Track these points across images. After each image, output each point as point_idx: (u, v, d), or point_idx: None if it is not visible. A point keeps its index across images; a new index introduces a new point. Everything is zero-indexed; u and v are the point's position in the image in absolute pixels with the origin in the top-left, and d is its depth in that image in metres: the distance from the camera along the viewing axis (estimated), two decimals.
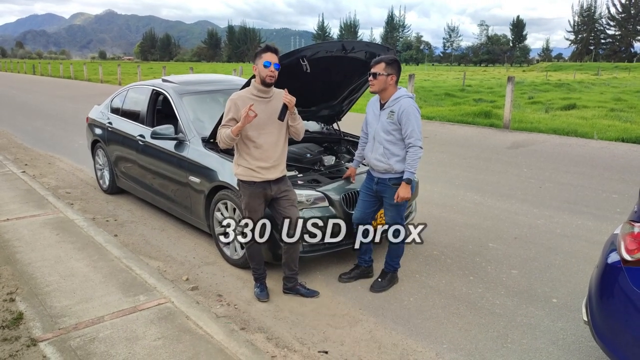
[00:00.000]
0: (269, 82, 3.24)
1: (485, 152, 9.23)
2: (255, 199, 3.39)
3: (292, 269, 3.61)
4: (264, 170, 3.33)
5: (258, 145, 3.30)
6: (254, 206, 3.40)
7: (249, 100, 3.24)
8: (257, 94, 3.30)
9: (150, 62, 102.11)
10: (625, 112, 14.91)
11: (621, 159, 8.60)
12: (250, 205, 3.40)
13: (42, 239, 4.46)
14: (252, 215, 3.41)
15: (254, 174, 3.33)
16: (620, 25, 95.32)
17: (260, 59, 3.21)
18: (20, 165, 7.77)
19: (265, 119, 3.28)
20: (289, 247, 3.54)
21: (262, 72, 3.22)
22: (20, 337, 2.91)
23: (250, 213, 3.41)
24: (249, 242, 3.49)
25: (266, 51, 3.23)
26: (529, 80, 34.33)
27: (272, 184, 3.40)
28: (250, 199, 3.38)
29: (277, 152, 3.37)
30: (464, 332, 3.20)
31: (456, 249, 4.53)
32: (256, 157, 3.31)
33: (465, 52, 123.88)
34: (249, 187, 3.36)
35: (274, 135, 3.35)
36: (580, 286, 3.80)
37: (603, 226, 5.12)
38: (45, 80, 34.60)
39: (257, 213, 3.42)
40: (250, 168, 3.32)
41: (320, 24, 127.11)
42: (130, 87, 6.03)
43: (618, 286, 2.29)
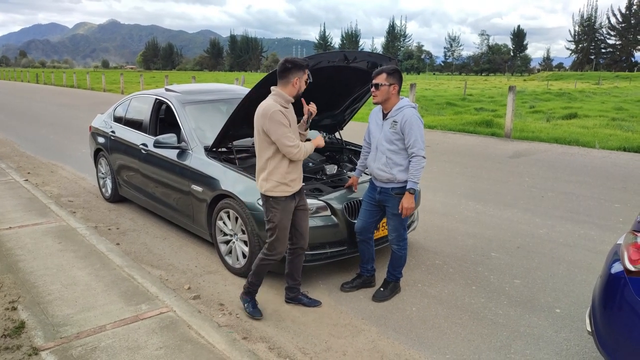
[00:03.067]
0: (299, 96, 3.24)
1: (487, 161, 9.23)
2: (287, 214, 3.26)
3: (295, 279, 3.60)
4: (294, 183, 3.26)
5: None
6: (285, 223, 3.27)
7: (285, 111, 3.16)
8: (285, 105, 3.18)
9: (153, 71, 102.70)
10: (627, 121, 14.93)
11: (623, 168, 8.60)
12: (282, 222, 3.24)
13: (44, 248, 4.47)
14: (282, 233, 3.27)
15: (286, 188, 3.22)
16: (620, 34, 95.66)
17: (304, 75, 3.17)
18: (23, 173, 7.79)
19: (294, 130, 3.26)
20: (293, 257, 3.52)
21: (303, 87, 3.19)
22: (22, 345, 2.91)
23: (281, 231, 3.26)
24: (270, 259, 3.33)
25: (307, 67, 3.20)
26: (530, 89, 34.43)
27: (297, 195, 3.34)
28: (283, 215, 3.23)
29: (301, 162, 3.33)
30: (467, 342, 3.18)
31: (458, 259, 4.52)
32: (290, 170, 3.21)
33: (466, 62, 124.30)
34: (281, 202, 3.22)
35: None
36: (583, 296, 3.78)
37: (606, 236, 5.11)
38: (49, 89, 34.79)
39: (287, 229, 3.30)
40: (283, 182, 3.20)
41: (322, 33, 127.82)
42: (133, 96, 6.06)
43: (621, 296, 2.28)
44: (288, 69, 3.13)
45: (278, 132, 3.07)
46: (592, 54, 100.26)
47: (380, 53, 4.75)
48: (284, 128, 3.08)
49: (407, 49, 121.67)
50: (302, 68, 3.16)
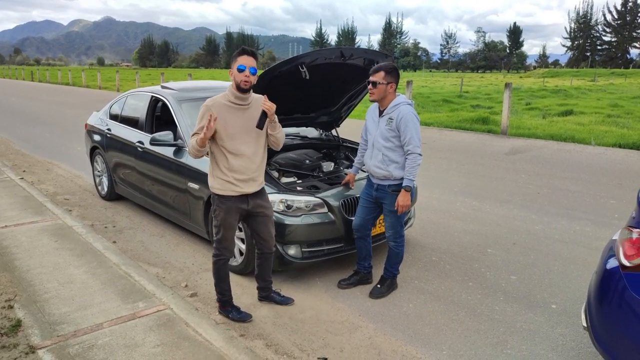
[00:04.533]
0: (243, 88, 2.99)
1: (483, 158, 9.26)
2: (232, 215, 3.15)
3: (265, 279, 3.58)
4: (241, 183, 3.10)
5: (236, 156, 3.07)
6: (230, 222, 3.17)
7: (225, 107, 3.03)
8: (233, 101, 3.05)
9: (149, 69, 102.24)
10: (622, 118, 14.98)
11: (618, 165, 8.63)
12: (226, 221, 3.15)
13: (40, 246, 4.45)
14: (227, 233, 3.19)
15: (230, 187, 3.09)
16: (616, 31, 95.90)
17: (235, 63, 2.96)
18: (19, 171, 7.75)
19: (242, 127, 3.05)
20: (262, 261, 3.49)
21: (237, 76, 2.96)
22: (18, 344, 2.90)
23: (225, 230, 3.18)
24: (220, 258, 3.26)
25: (242, 54, 2.98)
26: (526, 86, 34.48)
27: (249, 198, 3.18)
28: (226, 214, 3.13)
29: (255, 163, 3.14)
30: (464, 338, 3.20)
31: (455, 255, 4.54)
32: (233, 169, 3.07)
33: (463, 59, 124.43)
34: (226, 202, 3.12)
35: (252, 145, 3.11)
36: (579, 292, 3.81)
37: (601, 232, 5.13)
38: (44, 87, 34.61)
39: (233, 230, 3.22)
40: (226, 180, 3.08)
41: (318, 30, 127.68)
42: (129, 94, 6.04)
43: (617, 292, 2.29)
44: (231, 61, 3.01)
45: (196, 124, 3.06)
46: (588, 51, 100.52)
47: (376, 50, 4.74)
48: (198, 121, 3.04)
49: (404, 46, 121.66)
50: (234, 56, 3.00)
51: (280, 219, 3.73)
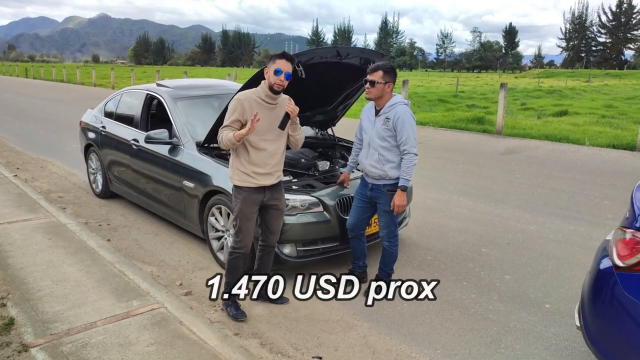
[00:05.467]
0: (276, 90, 3.12)
1: (478, 158, 9.28)
2: (250, 206, 3.23)
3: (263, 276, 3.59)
4: (260, 176, 3.21)
5: (257, 151, 3.18)
6: (247, 213, 3.23)
7: (256, 103, 3.13)
8: (264, 98, 3.16)
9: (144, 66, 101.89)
10: (616, 118, 15.07)
11: (612, 165, 8.68)
12: (243, 211, 3.22)
13: (34, 244, 4.43)
14: (244, 224, 3.24)
15: (249, 179, 3.19)
16: (611, 33, 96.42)
17: (273, 65, 3.08)
18: (12, 169, 7.71)
19: (267, 125, 3.17)
20: (262, 255, 3.50)
21: (272, 79, 3.09)
22: (11, 342, 2.89)
23: (242, 221, 3.24)
24: (236, 252, 3.30)
25: (281, 58, 3.10)
26: (522, 86, 34.61)
27: (267, 190, 3.28)
28: (243, 204, 3.21)
29: (275, 159, 3.25)
30: (458, 337, 3.21)
31: (449, 255, 4.55)
32: (253, 163, 3.18)
33: (458, 59, 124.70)
34: (243, 192, 3.21)
35: (274, 142, 3.23)
36: (572, 292, 3.83)
37: (595, 232, 5.16)
38: (38, 84, 34.40)
39: (251, 221, 3.27)
40: (246, 173, 3.19)
41: (315, 29, 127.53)
42: (124, 91, 6.01)
43: (610, 292, 2.31)
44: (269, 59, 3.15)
45: (226, 116, 3.18)
46: (583, 51, 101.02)
47: (373, 49, 4.74)
48: (229, 114, 3.14)
49: (400, 45, 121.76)
50: (274, 57, 3.13)
51: None
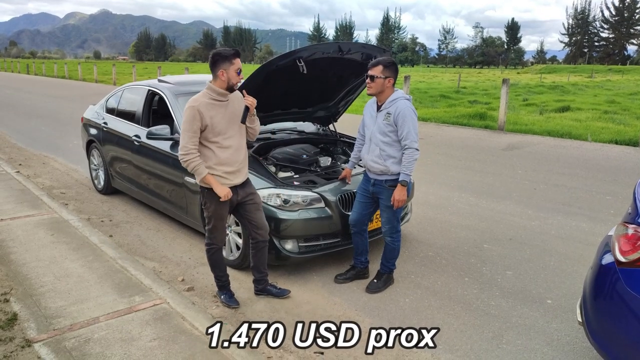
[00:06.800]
0: (235, 89, 3.17)
1: (480, 154, 9.27)
2: (223, 206, 3.27)
3: (261, 271, 3.60)
4: (230, 175, 3.24)
5: (224, 149, 3.19)
6: (222, 213, 3.30)
7: (210, 105, 3.12)
8: (217, 98, 3.15)
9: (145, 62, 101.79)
10: (619, 114, 15.02)
11: (615, 161, 8.66)
12: (218, 212, 3.28)
13: (36, 240, 4.44)
14: (218, 223, 3.33)
15: (221, 181, 3.21)
16: (614, 28, 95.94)
17: (233, 65, 3.08)
18: (14, 165, 7.72)
19: (227, 122, 3.18)
20: (256, 252, 3.51)
21: (234, 78, 3.10)
22: (14, 338, 2.90)
23: (217, 220, 3.31)
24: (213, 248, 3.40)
25: (237, 56, 3.11)
26: (524, 82, 34.50)
27: (239, 189, 3.32)
28: (218, 206, 3.25)
29: (241, 155, 3.29)
30: (460, 332, 3.21)
31: (451, 250, 4.55)
32: (223, 162, 3.20)
33: (460, 54, 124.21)
34: (216, 195, 3.21)
35: (237, 138, 3.26)
36: (574, 287, 3.82)
37: (597, 227, 5.15)
38: (39, 80, 34.41)
39: (224, 220, 3.35)
40: (217, 175, 3.20)
41: (316, 25, 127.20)
42: (126, 87, 6.01)
43: (612, 287, 2.31)
44: (214, 62, 3.12)
45: (183, 127, 3.13)
46: (586, 47, 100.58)
47: (374, 45, 4.73)
48: (187, 125, 3.09)
49: (402, 41, 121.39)
50: (228, 59, 3.08)
51: (277, 214, 3.73)
